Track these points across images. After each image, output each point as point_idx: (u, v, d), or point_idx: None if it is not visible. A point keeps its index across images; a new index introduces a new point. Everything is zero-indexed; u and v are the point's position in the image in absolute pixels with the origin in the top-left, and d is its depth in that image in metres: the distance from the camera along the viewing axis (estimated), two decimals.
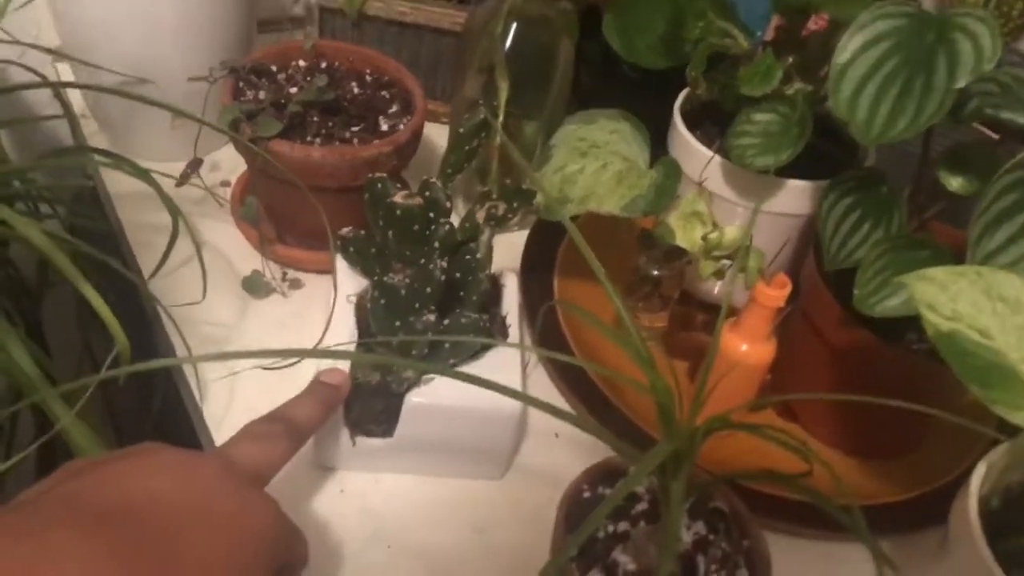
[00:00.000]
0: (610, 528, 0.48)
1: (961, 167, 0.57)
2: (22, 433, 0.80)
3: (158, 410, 0.68)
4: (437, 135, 0.88)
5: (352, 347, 0.57)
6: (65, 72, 0.84)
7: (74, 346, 0.85)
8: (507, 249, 0.76)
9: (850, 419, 0.64)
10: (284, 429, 0.48)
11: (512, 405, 0.56)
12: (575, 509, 0.48)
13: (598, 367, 0.45)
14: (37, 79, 0.71)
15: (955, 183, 0.57)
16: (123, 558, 0.32)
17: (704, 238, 0.56)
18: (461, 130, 0.57)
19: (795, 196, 0.63)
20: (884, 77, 0.51)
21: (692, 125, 0.67)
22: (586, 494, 0.49)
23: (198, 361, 0.54)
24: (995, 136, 0.61)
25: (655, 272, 0.66)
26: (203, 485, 0.38)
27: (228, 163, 0.80)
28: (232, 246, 0.73)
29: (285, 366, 0.59)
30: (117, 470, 0.36)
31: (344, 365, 0.56)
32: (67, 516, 0.32)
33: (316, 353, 0.43)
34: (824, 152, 0.64)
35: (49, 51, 0.70)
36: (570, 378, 0.65)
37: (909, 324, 0.60)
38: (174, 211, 0.63)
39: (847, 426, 0.64)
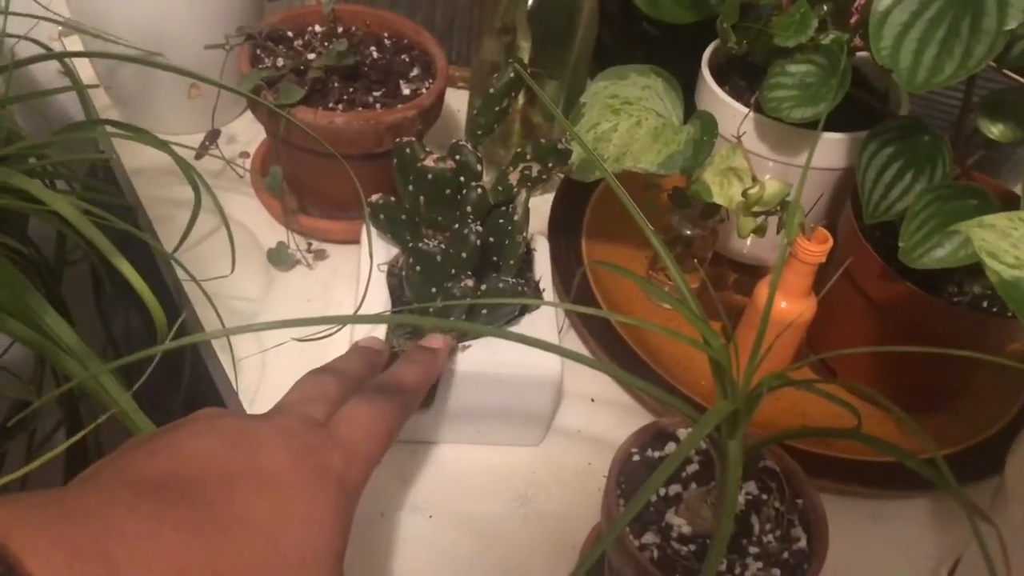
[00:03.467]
0: (662, 491, 0.47)
1: (1002, 114, 0.56)
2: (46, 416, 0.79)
3: (186, 386, 0.67)
4: (453, 100, 0.86)
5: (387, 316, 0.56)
6: (74, 45, 0.82)
7: (94, 322, 0.84)
8: (533, 213, 0.75)
9: (891, 373, 0.63)
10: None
11: (552, 369, 0.55)
12: (626, 473, 0.47)
13: (641, 321, 0.43)
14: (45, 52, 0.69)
15: (996, 130, 0.56)
16: (185, 530, 0.31)
17: (744, 194, 0.55)
18: (492, 90, 0.56)
19: (830, 149, 0.62)
20: (928, 21, 0.50)
21: (720, 80, 0.65)
22: (635, 457, 0.48)
23: (236, 333, 0.53)
24: None
25: (688, 232, 0.65)
26: (258, 443, 0.37)
27: (244, 134, 0.79)
28: (254, 218, 0.72)
29: (319, 337, 0.57)
30: (171, 439, 0.35)
31: (379, 333, 0.55)
32: (127, 492, 0.31)
33: (358, 319, 0.41)
34: (854, 104, 0.63)
35: (60, 23, 0.69)
36: (605, 341, 0.64)
37: (948, 276, 0.59)
38: (194, 182, 0.62)
39: (888, 381, 0.63)
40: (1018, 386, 0.64)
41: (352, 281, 0.62)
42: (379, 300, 0.57)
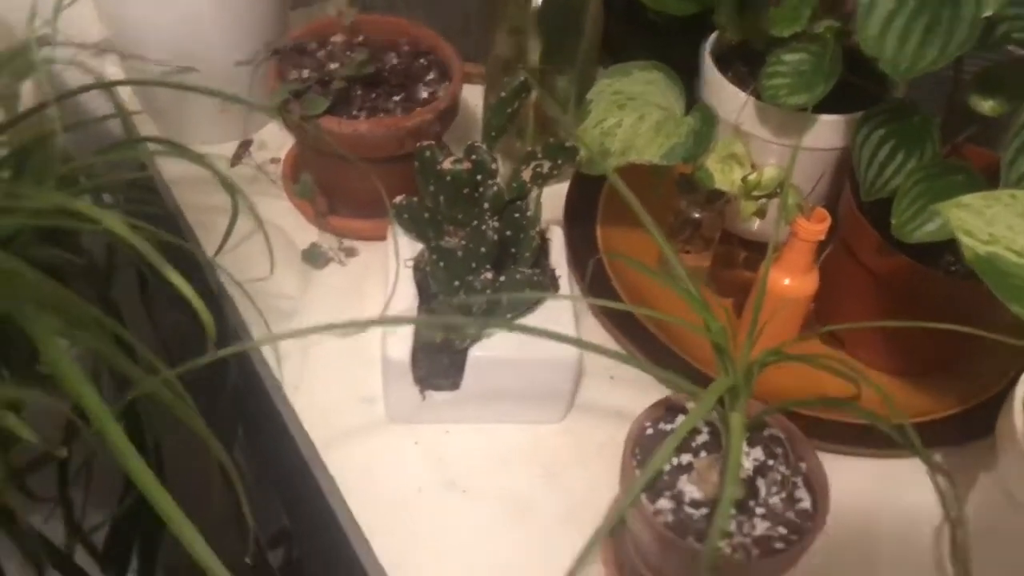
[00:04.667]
0: (674, 460, 0.51)
1: (992, 89, 0.59)
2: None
3: (234, 379, 0.72)
4: (470, 95, 0.89)
5: (415, 309, 0.61)
6: (113, 67, 0.86)
7: (142, 323, 0.89)
8: (548, 202, 0.78)
9: (894, 342, 0.66)
10: None
11: (570, 352, 0.60)
12: (640, 445, 0.51)
13: (650, 311, 0.47)
14: (89, 79, 0.74)
15: (986, 106, 0.59)
16: None
17: (743, 180, 0.58)
18: (503, 94, 0.60)
19: (828, 131, 0.65)
20: (911, 11, 0.53)
21: (723, 66, 0.68)
22: (649, 431, 0.52)
23: (283, 339, 0.57)
24: None
25: (696, 215, 0.68)
26: None
27: (274, 141, 0.83)
28: (288, 220, 0.76)
29: (354, 333, 0.62)
30: None
31: (409, 326, 0.59)
32: None
33: (388, 320, 0.46)
34: (855, 86, 0.66)
35: (96, 48, 0.73)
36: (622, 324, 0.68)
37: (945, 247, 0.62)
38: (231, 190, 0.66)
39: (891, 348, 0.66)
40: (1017, 349, 0.67)
41: (382, 275, 0.66)
42: (407, 295, 0.61)
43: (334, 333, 0.65)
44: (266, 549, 0.89)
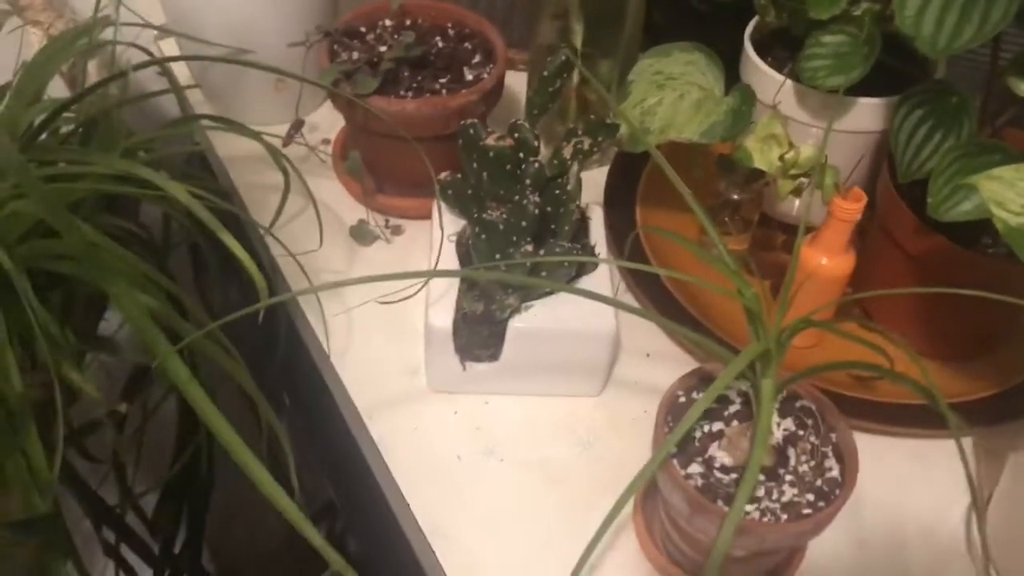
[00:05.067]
0: (706, 428, 0.52)
1: None
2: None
3: (283, 350, 0.74)
4: (514, 82, 0.91)
5: (457, 283, 0.63)
6: (169, 47, 0.90)
7: (195, 301, 0.93)
8: (589, 185, 0.80)
9: (930, 323, 0.67)
10: None
11: (608, 324, 0.61)
12: (672, 412, 0.53)
13: (681, 274, 0.49)
14: (147, 57, 0.77)
15: None
16: None
17: (781, 158, 0.59)
18: (545, 73, 0.61)
19: (868, 113, 0.66)
20: None
21: (763, 52, 0.69)
22: (681, 399, 0.54)
23: (323, 289, 0.59)
24: None
25: (735, 196, 0.70)
26: None
27: (325, 123, 0.86)
28: (336, 199, 0.79)
29: (398, 300, 0.64)
30: None
31: (451, 296, 0.61)
32: None
33: (431, 273, 0.47)
34: (895, 69, 0.67)
35: (158, 29, 0.76)
36: (658, 300, 0.69)
37: (983, 228, 0.63)
38: (283, 167, 0.69)
39: (928, 331, 0.67)
40: None
41: (426, 252, 0.68)
42: (449, 267, 0.63)
43: (379, 300, 0.67)
44: (311, 523, 0.92)
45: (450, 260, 0.65)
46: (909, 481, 0.63)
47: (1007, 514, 0.57)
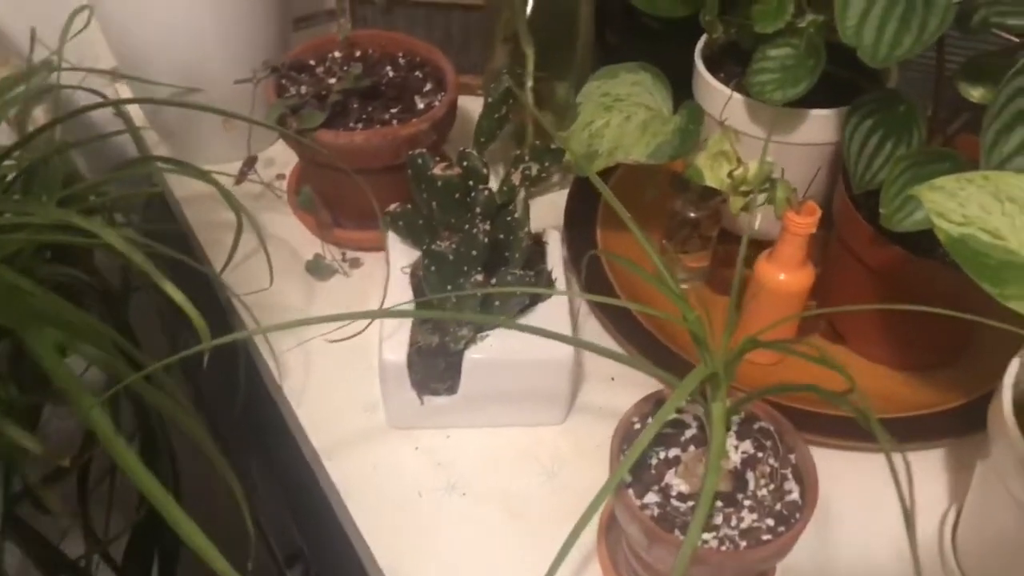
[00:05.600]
0: (662, 455, 0.51)
1: (981, 77, 0.58)
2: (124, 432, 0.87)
3: (244, 394, 0.73)
4: (475, 107, 0.91)
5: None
6: (123, 90, 0.89)
7: (162, 348, 0.92)
8: (551, 208, 0.80)
9: (895, 334, 0.66)
10: None
11: (565, 352, 0.60)
12: (627, 440, 0.51)
13: (633, 304, 0.48)
14: (100, 100, 0.77)
15: (976, 93, 0.59)
16: None
17: (730, 175, 0.59)
18: (489, 99, 0.61)
19: (820, 125, 0.65)
20: (887, 0, 0.53)
21: (715, 68, 0.69)
22: (636, 426, 0.52)
23: (270, 330, 0.58)
24: (1016, 40, 0.61)
25: (692, 214, 0.69)
26: None
27: (281, 158, 0.85)
28: (293, 234, 0.78)
29: (351, 336, 0.63)
30: None
31: (404, 330, 0.60)
32: None
33: (379, 313, 0.46)
34: (849, 80, 0.66)
35: (108, 73, 0.76)
36: (620, 324, 0.68)
37: None
38: (236, 207, 0.68)
39: (892, 342, 0.66)
40: (1020, 338, 0.66)
41: (384, 284, 0.67)
42: (402, 299, 0.62)
43: (329, 338, 0.66)
44: (284, 566, 0.90)
45: (404, 292, 0.63)
46: (879, 495, 0.61)
47: (976, 524, 0.56)
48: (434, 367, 0.61)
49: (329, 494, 0.64)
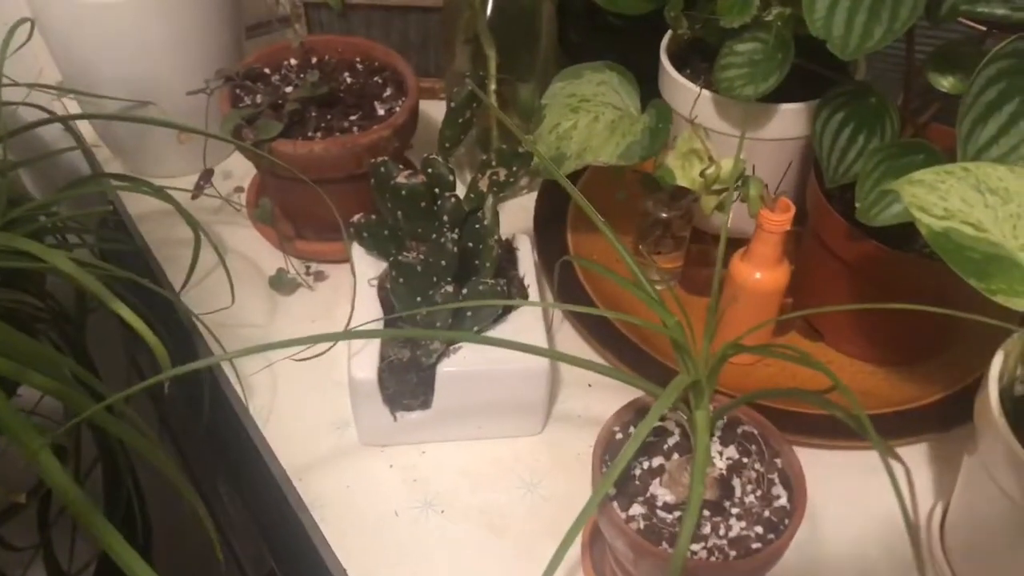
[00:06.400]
0: (645, 464, 0.49)
1: (950, 66, 0.58)
2: (86, 458, 0.84)
3: (208, 417, 0.71)
4: (437, 111, 0.89)
5: (379, 327, 0.60)
6: (72, 106, 0.86)
7: (122, 370, 0.89)
8: (521, 212, 0.78)
9: (874, 330, 0.65)
10: None
11: (539, 362, 0.58)
12: (609, 450, 0.50)
13: (610, 313, 0.46)
14: (47, 116, 0.74)
15: (946, 83, 0.58)
16: None
17: (702, 174, 0.57)
18: (452, 104, 0.59)
19: (791, 119, 0.64)
20: None
21: (681, 64, 0.68)
22: (618, 435, 0.51)
23: (231, 357, 0.56)
24: (983, 29, 0.61)
25: (663, 214, 0.67)
26: None
27: (239, 170, 0.82)
28: (255, 249, 0.75)
29: (318, 355, 0.61)
30: None
31: (373, 345, 0.58)
32: None
33: (344, 335, 0.44)
34: (818, 73, 0.65)
35: (53, 88, 0.73)
36: (596, 329, 0.67)
37: (917, 229, 0.61)
38: (193, 223, 0.66)
39: (871, 338, 0.65)
40: (1000, 330, 0.66)
41: (351, 298, 0.65)
42: (370, 314, 0.60)
43: (295, 357, 0.64)
44: None
45: (372, 306, 0.61)
46: (863, 492, 0.60)
47: (965, 518, 0.55)
48: (406, 382, 0.59)
49: (301, 516, 0.62)
